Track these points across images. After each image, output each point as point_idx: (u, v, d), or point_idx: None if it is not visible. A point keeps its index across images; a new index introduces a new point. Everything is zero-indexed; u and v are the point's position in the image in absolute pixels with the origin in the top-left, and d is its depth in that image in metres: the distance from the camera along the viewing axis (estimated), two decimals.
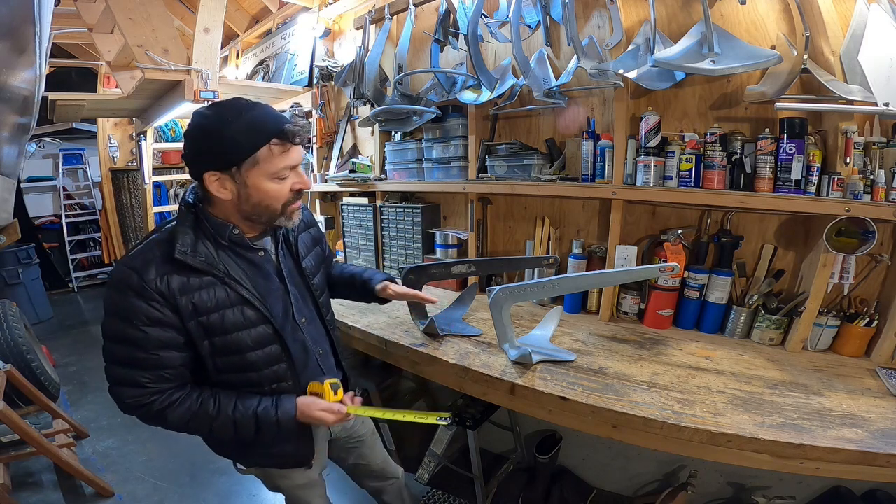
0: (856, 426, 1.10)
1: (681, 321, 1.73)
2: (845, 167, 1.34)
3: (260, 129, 0.93)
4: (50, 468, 2.35)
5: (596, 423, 1.25)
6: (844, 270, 1.41)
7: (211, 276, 0.99)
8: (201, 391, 1.04)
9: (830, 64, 1.34)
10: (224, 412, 1.02)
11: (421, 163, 2.31)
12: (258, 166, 0.95)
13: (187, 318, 0.96)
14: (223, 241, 1.02)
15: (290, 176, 1.01)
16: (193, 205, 1.03)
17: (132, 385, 0.97)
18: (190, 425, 1.03)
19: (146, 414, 0.99)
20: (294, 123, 0.97)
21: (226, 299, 1.00)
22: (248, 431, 1.05)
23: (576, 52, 1.61)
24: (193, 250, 0.97)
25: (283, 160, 0.97)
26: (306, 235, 1.26)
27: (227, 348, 1.02)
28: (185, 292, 0.96)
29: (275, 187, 0.99)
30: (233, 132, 0.92)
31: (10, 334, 2.74)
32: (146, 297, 0.92)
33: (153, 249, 0.97)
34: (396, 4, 2.25)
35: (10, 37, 1.26)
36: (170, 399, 0.99)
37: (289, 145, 0.97)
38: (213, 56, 2.40)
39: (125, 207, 5.60)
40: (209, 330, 0.99)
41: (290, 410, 1.07)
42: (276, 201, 1.01)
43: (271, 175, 0.97)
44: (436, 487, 2.15)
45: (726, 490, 1.80)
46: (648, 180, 1.61)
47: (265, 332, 1.05)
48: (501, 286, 1.45)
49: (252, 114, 0.94)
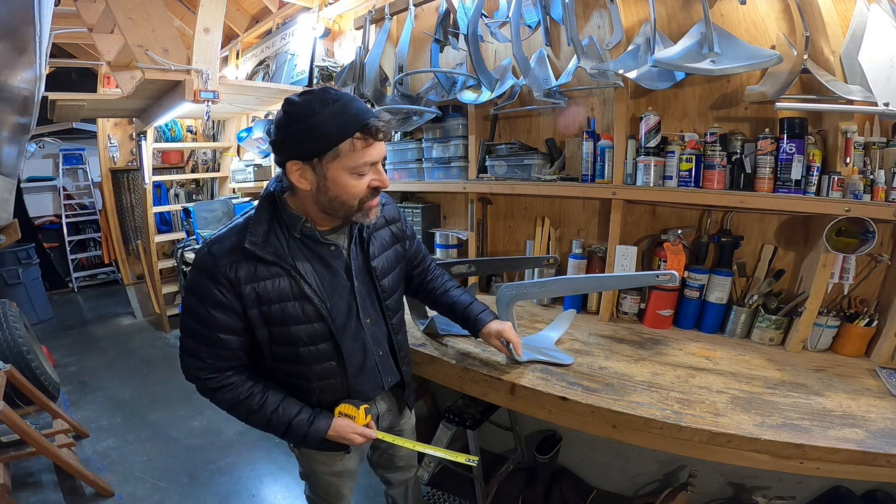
0: (856, 426, 1.10)
1: (681, 321, 1.73)
2: (845, 167, 1.34)
3: (344, 123, 0.92)
4: (50, 468, 2.34)
5: (596, 423, 1.25)
6: (844, 270, 1.41)
7: (278, 268, 1.01)
8: (255, 384, 1.08)
9: (830, 64, 1.34)
10: (263, 411, 1.07)
11: (421, 163, 2.31)
12: (339, 160, 0.94)
13: (250, 306, 1.00)
14: (295, 233, 1.03)
15: (370, 172, 0.99)
16: (275, 193, 1.05)
17: (193, 356, 1.04)
18: (232, 410, 1.09)
19: (202, 388, 1.07)
20: (379, 119, 0.95)
21: (289, 292, 1.02)
22: (277, 432, 1.11)
23: (576, 52, 1.61)
24: (264, 241, 1.00)
25: (364, 156, 0.96)
26: (385, 232, 1.21)
27: (283, 339, 1.05)
28: (251, 281, 0.99)
29: (353, 182, 0.97)
30: (317, 123, 0.92)
31: (10, 334, 2.74)
32: (215, 281, 0.98)
33: (231, 236, 1.01)
34: (396, 4, 2.25)
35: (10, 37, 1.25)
36: (225, 381, 1.05)
37: (371, 140, 0.95)
38: (213, 56, 2.40)
39: (125, 207, 5.57)
40: (269, 319, 1.02)
41: (321, 429, 1.10)
42: (352, 197, 0.99)
43: (351, 170, 0.96)
44: (436, 487, 2.15)
45: (726, 490, 1.79)
46: (648, 180, 1.61)
47: (320, 330, 1.06)
48: (507, 284, 1.46)
49: (338, 105, 0.93)
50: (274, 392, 1.10)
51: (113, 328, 4.56)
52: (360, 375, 1.17)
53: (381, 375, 1.21)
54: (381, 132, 0.95)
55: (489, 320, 1.35)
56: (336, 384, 1.14)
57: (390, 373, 1.25)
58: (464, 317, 1.37)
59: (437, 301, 1.42)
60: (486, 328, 1.33)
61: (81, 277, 5.92)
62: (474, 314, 1.36)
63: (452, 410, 1.90)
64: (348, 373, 1.13)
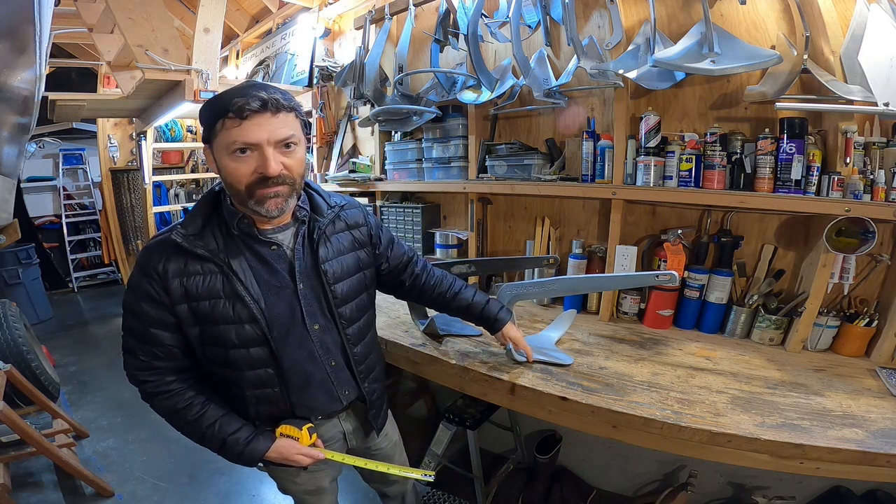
0: (856, 426, 1.10)
1: (681, 321, 1.73)
2: (845, 167, 1.34)
3: (218, 104, 0.92)
4: (50, 468, 2.34)
5: (596, 423, 1.25)
6: (844, 270, 1.41)
7: (212, 264, 0.99)
8: (196, 394, 1.05)
9: (830, 64, 1.34)
10: (199, 424, 1.04)
11: (421, 163, 2.31)
12: (216, 140, 0.94)
13: (177, 301, 0.97)
14: (234, 230, 1.01)
15: (253, 157, 0.93)
16: (219, 189, 1.03)
17: (131, 354, 1.02)
18: (169, 418, 1.06)
19: (142, 392, 1.04)
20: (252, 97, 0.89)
21: (220, 289, 0.99)
22: (212, 447, 1.07)
23: (576, 52, 1.61)
24: (197, 235, 0.98)
25: (234, 135, 0.91)
26: (345, 236, 1.15)
27: (213, 339, 1.01)
28: (180, 275, 0.97)
29: (232, 165, 0.93)
30: (206, 107, 0.95)
31: (10, 334, 2.74)
32: (146, 274, 0.97)
33: (169, 231, 1.00)
34: (396, 4, 2.25)
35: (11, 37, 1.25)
36: (164, 387, 1.03)
37: (238, 120, 0.90)
38: (213, 56, 2.41)
39: (125, 207, 5.59)
40: (199, 317, 0.99)
41: (259, 450, 1.05)
42: (237, 182, 0.94)
43: (226, 149, 0.93)
44: (436, 487, 2.15)
45: (726, 490, 1.79)
46: (648, 180, 1.61)
47: (252, 333, 1.00)
48: (508, 283, 1.46)
49: (228, 91, 0.94)
50: (215, 406, 1.05)
51: (113, 328, 4.56)
52: (309, 388, 1.10)
53: (336, 388, 1.14)
54: (246, 110, 0.89)
55: (507, 320, 1.40)
56: (273, 395, 1.07)
57: (346, 385, 1.16)
58: (481, 316, 1.40)
59: (450, 304, 1.40)
60: (504, 330, 1.39)
61: (81, 277, 5.92)
62: (493, 313, 1.39)
63: (452, 410, 1.90)
64: (289, 384, 1.07)
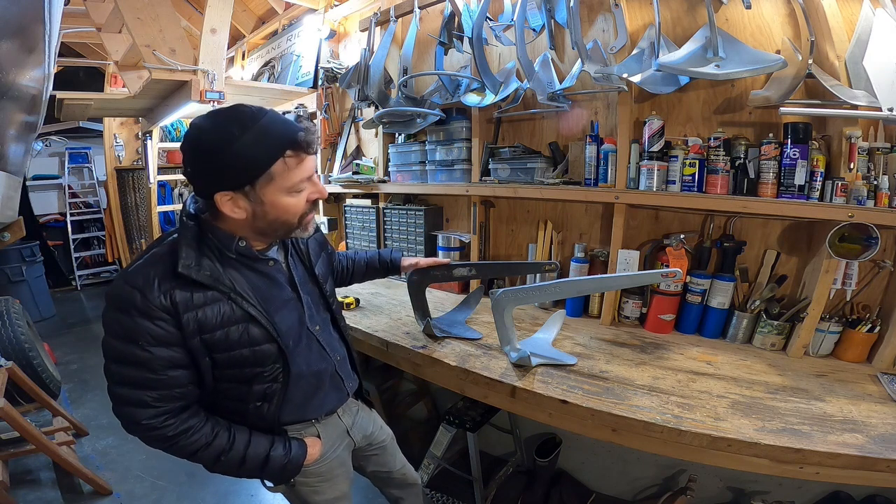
0: (856, 431, 1.10)
1: (682, 326, 1.73)
2: (849, 173, 1.34)
3: (272, 142, 0.86)
4: (49, 466, 2.35)
5: (596, 426, 1.25)
6: (847, 276, 1.41)
7: (216, 292, 0.93)
8: (215, 422, 1.00)
9: (835, 69, 1.34)
10: (237, 447, 1.00)
11: (424, 165, 2.31)
12: (274, 182, 0.89)
13: (190, 336, 0.90)
14: (230, 253, 0.96)
15: (307, 186, 0.95)
16: (196, 216, 0.96)
17: (138, 406, 0.91)
18: (198, 454, 0.97)
19: (157, 436, 0.93)
20: (306, 131, 0.89)
21: (231, 316, 0.94)
22: (252, 470, 1.03)
23: (580, 55, 1.61)
24: (198, 264, 0.91)
25: (300, 172, 0.91)
26: (313, 241, 1.21)
27: (228, 363, 0.97)
28: (189, 308, 0.90)
29: (292, 202, 0.93)
30: (241, 149, 0.84)
31: (12, 331, 2.75)
32: (151, 316, 0.87)
33: (155, 264, 0.90)
34: (402, 7, 2.26)
35: (20, 36, 1.27)
36: (184, 426, 0.94)
37: (303, 155, 0.90)
38: (220, 57, 2.42)
39: (130, 206, 5.63)
40: (212, 347, 0.94)
41: (300, 455, 1.08)
42: (293, 216, 0.95)
43: (288, 189, 0.91)
44: (435, 490, 2.14)
45: (726, 494, 1.79)
46: (651, 185, 1.61)
47: (269, 351, 1.00)
48: (504, 289, 1.46)
49: (259, 125, 0.85)
50: (236, 427, 1.02)
51: None
52: (320, 390, 1.15)
53: (344, 381, 1.21)
54: (311, 145, 0.90)
55: (399, 258, 1.58)
56: (269, 409, 1.06)
57: (349, 378, 1.24)
58: (384, 267, 1.57)
59: (357, 272, 1.56)
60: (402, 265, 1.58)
61: (85, 275, 5.94)
62: (387, 258, 1.58)
63: (453, 413, 1.90)
64: (292, 395, 1.08)
